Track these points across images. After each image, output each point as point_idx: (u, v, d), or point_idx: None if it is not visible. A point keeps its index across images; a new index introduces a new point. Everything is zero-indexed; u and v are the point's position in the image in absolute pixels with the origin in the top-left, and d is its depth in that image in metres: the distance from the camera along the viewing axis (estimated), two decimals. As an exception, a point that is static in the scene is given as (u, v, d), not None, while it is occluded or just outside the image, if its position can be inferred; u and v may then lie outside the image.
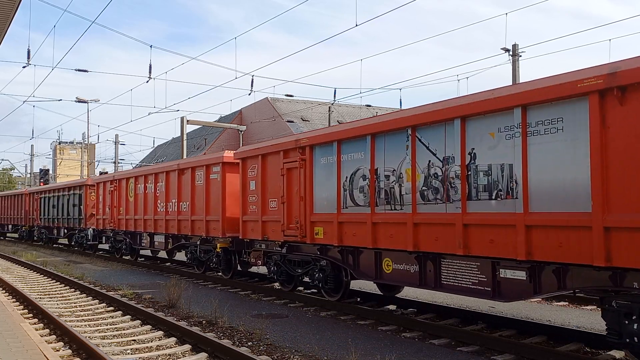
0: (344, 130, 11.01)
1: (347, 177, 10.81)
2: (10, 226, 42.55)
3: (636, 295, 6.61)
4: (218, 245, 15.46)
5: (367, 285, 13.64)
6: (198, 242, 16.78)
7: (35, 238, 37.02)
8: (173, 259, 22.03)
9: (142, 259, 23.44)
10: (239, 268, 16.14)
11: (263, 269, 15.39)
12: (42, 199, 33.66)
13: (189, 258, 17.78)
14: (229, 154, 15.47)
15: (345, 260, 11.14)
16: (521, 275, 7.73)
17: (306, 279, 12.77)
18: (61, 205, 30.22)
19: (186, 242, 17.69)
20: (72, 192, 28.89)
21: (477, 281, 8.38)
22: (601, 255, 6.57)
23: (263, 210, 13.32)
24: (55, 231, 32.21)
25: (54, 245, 33.89)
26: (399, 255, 9.78)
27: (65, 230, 30.28)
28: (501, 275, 8.01)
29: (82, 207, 27.34)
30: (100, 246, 27.36)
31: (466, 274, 8.56)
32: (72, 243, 30.42)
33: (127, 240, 22.24)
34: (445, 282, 8.97)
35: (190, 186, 16.87)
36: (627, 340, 6.73)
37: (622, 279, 6.70)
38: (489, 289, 8.20)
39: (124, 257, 23.17)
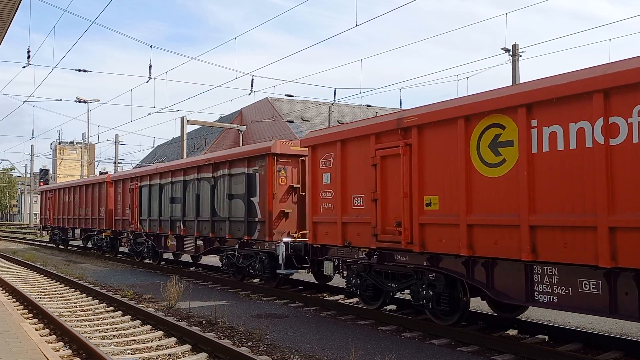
0: None
1: None
2: (77, 231, 28.12)
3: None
4: None
5: None
6: None
7: (123, 251, 24.31)
8: None
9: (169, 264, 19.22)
10: None
11: None
12: (146, 189, 20.18)
13: None
14: None
15: None
16: None
17: None
18: (193, 197, 17.07)
19: None
20: (224, 172, 15.53)
21: None
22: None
23: None
24: (174, 243, 18.56)
25: (161, 264, 20.51)
26: None
27: (201, 243, 16.90)
28: None
29: (257, 199, 14.11)
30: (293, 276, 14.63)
31: None
32: (223, 266, 16.02)
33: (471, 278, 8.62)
34: None
35: None
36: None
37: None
38: None
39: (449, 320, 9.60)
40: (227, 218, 15.22)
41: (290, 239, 13.39)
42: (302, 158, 13.55)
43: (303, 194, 13.65)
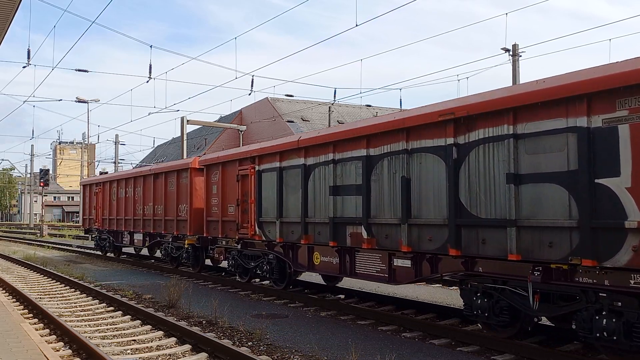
0: None
1: None
2: (138, 236, 21.11)
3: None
4: None
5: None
6: None
7: (209, 265, 18.20)
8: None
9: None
10: None
11: None
12: (273, 175, 12.97)
13: None
14: None
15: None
16: None
17: None
18: (394, 184, 9.72)
19: None
20: (494, 132, 8.01)
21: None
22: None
23: None
24: (331, 260, 11.47)
25: (290, 289, 13.75)
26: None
27: (407, 263, 9.66)
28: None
29: (622, 180, 6.64)
30: None
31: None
32: (478, 310, 8.54)
33: None
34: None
35: None
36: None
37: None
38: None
39: None
40: (512, 221, 7.71)
41: None
42: None
43: None
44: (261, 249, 13.91)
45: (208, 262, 17.79)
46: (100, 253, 25.45)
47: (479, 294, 8.50)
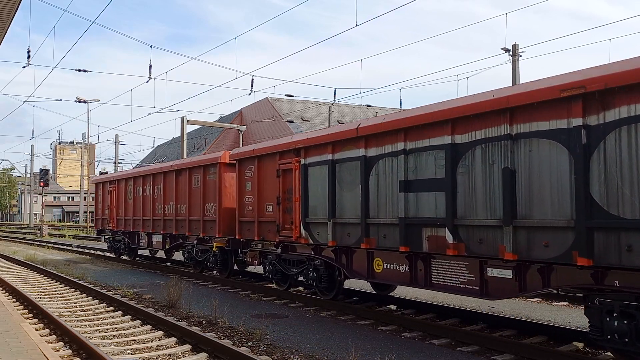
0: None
1: None
2: (157, 237, 19.56)
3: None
4: None
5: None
6: None
7: (241, 271, 16.91)
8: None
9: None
10: None
11: None
12: (323, 170, 11.34)
13: None
14: None
15: None
16: None
17: None
18: (490, 177, 8.03)
19: None
20: None
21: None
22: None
23: None
24: (396, 267, 9.88)
25: (339, 299, 12.26)
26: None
27: (518, 275, 7.88)
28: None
29: None
30: None
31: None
32: None
33: None
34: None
35: None
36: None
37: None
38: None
39: None
40: None
41: None
42: None
43: None
44: (306, 253, 12.18)
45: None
46: (113, 255, 23.77)
47: (614, 314, 6.72)
